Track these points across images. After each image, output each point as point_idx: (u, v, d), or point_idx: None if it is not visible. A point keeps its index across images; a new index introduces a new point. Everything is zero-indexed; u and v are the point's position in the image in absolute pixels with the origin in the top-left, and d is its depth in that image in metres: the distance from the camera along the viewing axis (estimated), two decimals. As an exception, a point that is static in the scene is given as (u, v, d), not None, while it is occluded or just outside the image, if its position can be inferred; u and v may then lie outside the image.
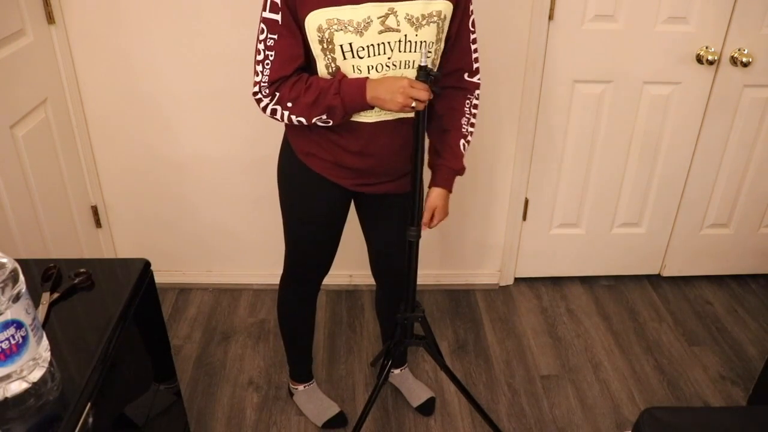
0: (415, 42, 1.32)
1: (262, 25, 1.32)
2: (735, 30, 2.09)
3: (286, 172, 1.58)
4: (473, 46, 1.47)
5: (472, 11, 1.44)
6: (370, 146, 1.45)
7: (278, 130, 1.60)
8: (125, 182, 2.27)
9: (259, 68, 1.34)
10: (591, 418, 1.98)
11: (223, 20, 1.99)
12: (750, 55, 2.11)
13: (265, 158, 2.20)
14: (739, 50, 2.12)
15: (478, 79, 1.51)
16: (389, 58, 1.33)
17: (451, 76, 1.49)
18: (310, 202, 1.57)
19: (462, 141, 1.52)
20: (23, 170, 1.81)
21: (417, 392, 2.00)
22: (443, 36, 1.38)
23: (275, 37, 1.31)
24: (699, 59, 2.13)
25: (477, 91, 1.52)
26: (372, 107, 1.35)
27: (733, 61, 2.14)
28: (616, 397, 2.06)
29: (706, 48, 2.11)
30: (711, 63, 2.12)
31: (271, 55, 1.32)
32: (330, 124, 1.38)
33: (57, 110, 1.99)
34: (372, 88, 1.31)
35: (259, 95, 1.37)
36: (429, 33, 1.33)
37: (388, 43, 1.31)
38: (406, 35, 1.31)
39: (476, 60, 1.49)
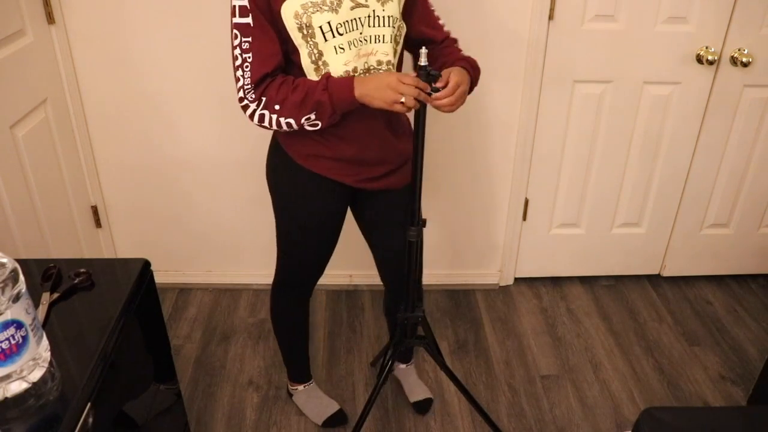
0: (383, 17, 1.35)
1: (235, 31, 1.31)
2: (735, 30, 2.09)
3: (282, 178, 1.55)
4: (435, 13, 1.52)
5: None
6: (359, 128, 1.44)
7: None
8: (125, 182, 2.27)
9: (239, 73, 1.33)
10: (591, 418, 1.98)
11: (223, 20, 1.98)
12: (750, 55, 2.11)
13: (265, 159, 2.20)
14: (739, 50, 2.12)
15: (451, 35, 1.54)
16: (361, 33, 1.35)
17: (434, 45, 1.50)
18: (310, 207, 1.55)
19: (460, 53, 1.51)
20: (23, 170, 1.81)
21: (416, 390, 2.00)
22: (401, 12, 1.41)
23: (249, 39, 1.31)
24: (699, 59, 2.13)
25: (456, 44, 1.53)
26: (360, 105, 1.33)
27: (733, 61, 2.14)
28: (616, 397, 2.06)
29: (706, 48, 2.11)
30: (711, 63, 2.12)
31: (249, 57, 1.32)
32: (318, 126, 1.37)
33: (57, 110, 1.99)
34: (361, 84, 1.31)
35: (246, 101, 1.35)
36: (393, 8, 1.36)
37: (359, 18, 1.33)
38: (374, 10, 1.34)
39: (443, 26, 1.53)
